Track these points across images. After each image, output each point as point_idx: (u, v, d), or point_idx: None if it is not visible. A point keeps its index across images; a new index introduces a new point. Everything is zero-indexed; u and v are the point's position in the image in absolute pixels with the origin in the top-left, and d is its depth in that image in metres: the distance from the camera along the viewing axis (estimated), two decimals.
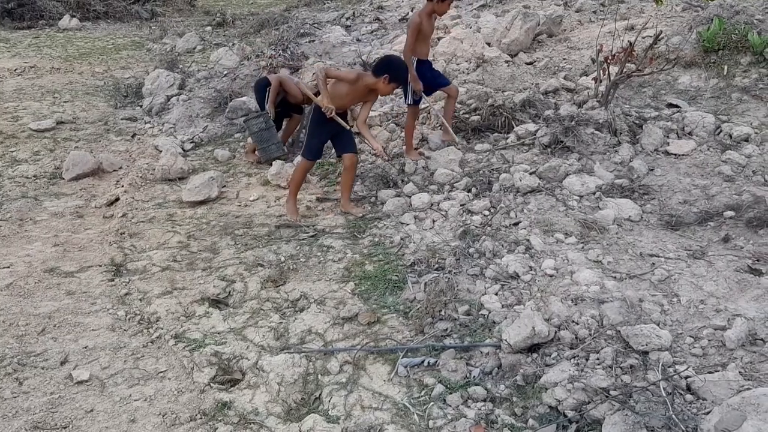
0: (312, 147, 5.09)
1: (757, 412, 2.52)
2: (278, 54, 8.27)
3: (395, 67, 4.78)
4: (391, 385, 3.26)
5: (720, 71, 6.62)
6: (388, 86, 4.79)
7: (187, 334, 3.79)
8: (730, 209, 4.47)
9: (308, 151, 5.10)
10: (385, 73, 4.71)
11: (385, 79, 4.72)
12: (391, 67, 4.76)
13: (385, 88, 4.80)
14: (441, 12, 5.59)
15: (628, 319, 3.37)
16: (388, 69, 4.73)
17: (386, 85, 4.77)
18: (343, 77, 4.90)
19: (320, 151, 5.22)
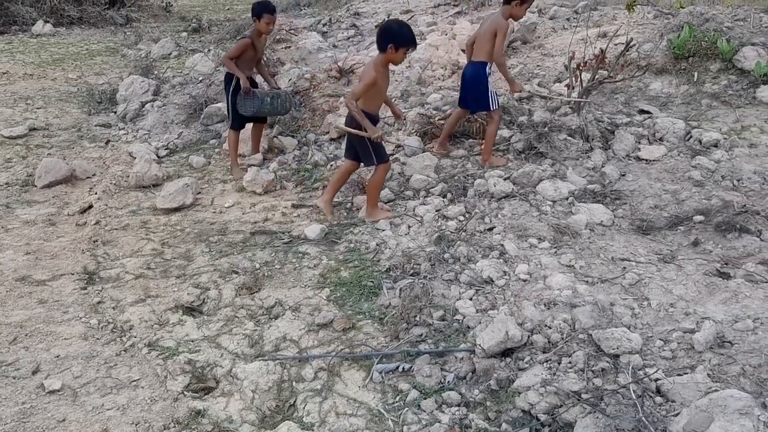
0: (383, 149, 4.96)
1: (724, 414, 2.57)
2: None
3: (395, 32, 4.63)
4: (366, 391, 3.27)
5: (690, 78, 6.74)
6: (398, 53, 4.64)
7: (160, 342, 3.77)
8: (699, 214, 4.55)
9: (383, 155, 4.96)
10: (389, 43, 4.59)
11: (392, 48, 4.59)
12: (391, 33, 4.62)
13: (396, 56, 4.66)
14: (518, 16, 5.50)
15: (599, 322, 3.42)
16: (389, 37, 4.60)
17: (396, 54, 4.63)
18: (369, 83, 4.71)
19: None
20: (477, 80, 5.49)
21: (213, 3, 18.80)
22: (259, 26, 5.89)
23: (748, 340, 3.17)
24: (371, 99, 4.82)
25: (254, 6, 5.94)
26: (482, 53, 5.47)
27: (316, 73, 7.82)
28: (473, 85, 5.53)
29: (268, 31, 6.06)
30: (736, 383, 2.91)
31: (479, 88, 5.48)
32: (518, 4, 5.30)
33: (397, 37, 4.59)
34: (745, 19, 7.00)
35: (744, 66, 6.56)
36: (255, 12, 5.90)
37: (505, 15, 5.39)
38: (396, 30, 4.64)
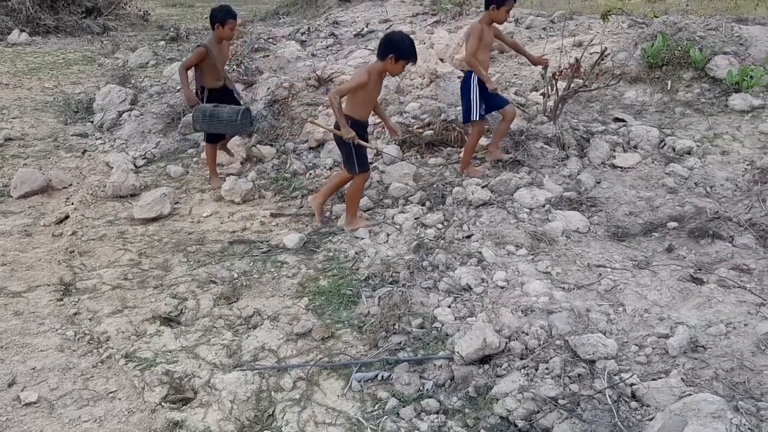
0: (365, 158, 4.96)
1: (697, 417, 2.61)
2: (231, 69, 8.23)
3: (396, 43, 4.62)
4: (345, 400, 3.27)
5: (664, 86, 6.85)
6: (397, 65, 4.65)
7: (137, 353, 3.74)
8: (673, 220, 4.62)
9: (365, 164, 4.96)
10: (390, 53, 4.59)
11: (391, 59, 4.59)
12: (393, 44, 4.61)
13: (395, 67, 4.67)
14: (500, 20, 5.47)
15: (575, 328, 3.45)
16: (390, 48, 4.60)
17: (394, 65, 4.64)
18: (358, 84, 4.71)
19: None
20: (463, 90, 5.54)
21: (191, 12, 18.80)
22: (223, 32, 5.74)
23: (720, 345, 3.22)
24: (359, 104, 4.81)
25: (217, 13, 5.74)
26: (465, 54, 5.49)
27: (295, 82, 7.83)
28: (462, 94, 5.59)
29: (231, 36, 5.97)
30: (709, 387, 2.95)
31: (464, 98, 5.52)
32: (495, 8, 5.31)
33: (399, 48, 4.60)
34: (716, 29, 7.13)
35: (716, 74, 6.68)
36: (218, 18, 5.69)
37: (486, 20, 5.41)
38: (398, 41, 4.64)
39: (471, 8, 10.99)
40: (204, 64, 5.79)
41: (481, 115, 5.48)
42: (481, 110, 5.46)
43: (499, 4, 5.28)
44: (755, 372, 2.99)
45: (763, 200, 4.77)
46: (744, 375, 2.99)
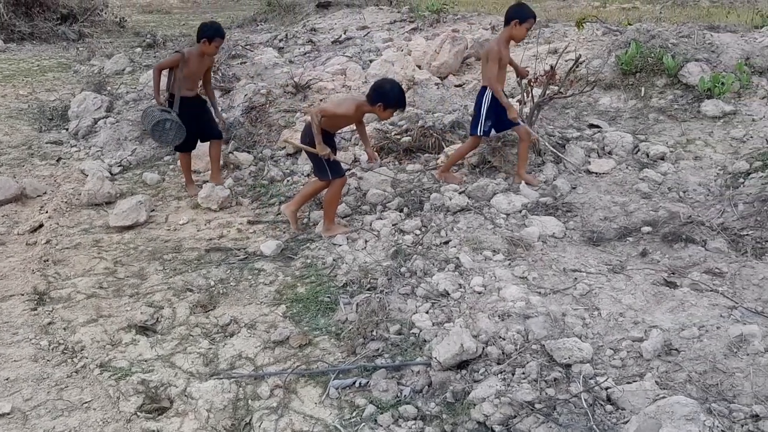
0: (337, 164, 5.00)
1: (671, 420, 2.64)
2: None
3: (386, 92, 4.69)
4: (323, 408, 3.26)
5: (638, 93, 6.95)
6: (385, 113, 4.74)
7: (112, 362, 3.70)
8: (647, 225, 4.68)
9: (338, 170, 4.99)
10: (379, 101, 4.66)
11: (380, 107, 4.67)
12: (383, 93, 4.68)
13: (383, 114, 4.75)
14: (519, 37, 5.38)
15: (551, 333, 3.48)
16: (381, 98, 4.67)
17: (383, 112, 4.72)
18: (343, 114, 4.83)
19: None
20: (476, 103, 5.49)
21: (168, 18, 18.68)
22: (208, 48, 5.71)
23: (693, 348, 3.26)
24: (334, 124, 4.94)
25: (206, 28, 5.71)
26: (483, 78, 5.46)
27: (272, 89, 7.81)
28: (475, 106, 5.53)
29: (214, 53, 5.95)
30: (682, 390, 2.99)
31: (476, 111, 5.47)
32: (517, 24, 5.21)
33: (389, 98, 4.67)
34: (689, 36, 7.25)
35: (689, 81, 6.79)
36: (207, 34, 5.66)
37: (503, 37, 5.34)
38: (387, 90, 4.70)
39: (448, 16, 11.06)
40: (178, 71, 5.72)
41: (485, 132, 5.45)
42: (485, 127, 5.42)
43: (521, 20, 5.21)
44: (727, 374, 3.03)
45: (735, 205, 4.84)
46: (717, 377, 3.03)
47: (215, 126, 6.08)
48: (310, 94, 7.64)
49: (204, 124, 5.98)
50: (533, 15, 5.31)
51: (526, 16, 5.23)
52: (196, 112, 5.88)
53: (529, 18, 5.24)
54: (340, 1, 13.99)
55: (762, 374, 2.99)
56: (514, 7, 5.36)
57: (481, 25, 10.08)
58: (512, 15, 5.26)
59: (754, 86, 6.69)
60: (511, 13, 5.29)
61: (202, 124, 5.96)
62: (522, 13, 5.24)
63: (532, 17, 5.28)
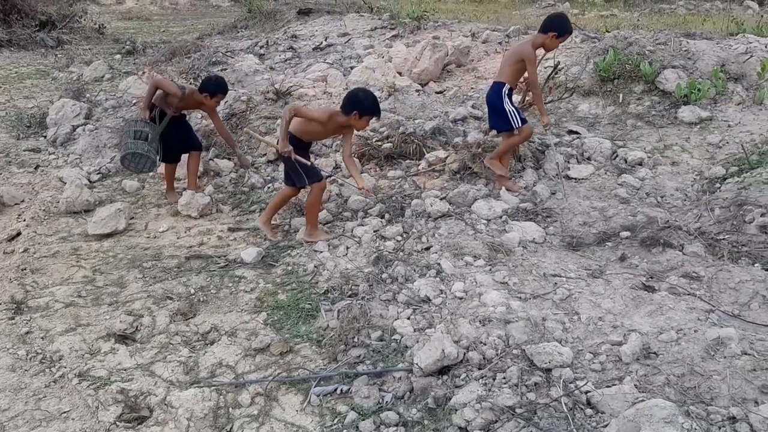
0: (313, 168, 4.99)
1: (650, 423, 2.66)
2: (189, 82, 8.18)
3: (360, 100, 4.70)
4: (304, 415, 3.26)
5: (616, 99, 7.02)
6: (361, 121, 4.73)
7: (91, 371, 3.67)
8: (625, 230, 4.72)
9: (314, 174, 4.97)
10: (354, 110, 4.66)
11: (355, 115, 4.67)
12: (357, 101, 4.69)
13: (359, 123, 4.75)
14: (551, 48, 5.34)
15: (532, 337, 3.50)
16: (355, 106, 4.67)
17: (358, 121, 4.72)
18: (314, 118, 4.79)
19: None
20: (496, 100, 5.41)
21: (148, 25, 18.60)
22: (208, 102, 5.77)
23: (672, 351, 3.29)
24: (306, 131, 4.90)
25: (210, 84, 5.75)
26: (503, 75, 5.38)
27: (253, 96, 7.80)
28: (493, 105, 5.47)
29: (213, 107, 5.99)
30: (661, 393, 3.01)
31: (498, 108, 5.39)
32: (554, 37, 5.16)
33: (363, 106, 4.67)
34: (665, 43, 7.34)
35: (665, 87, 6.88)
36: (209, 90, 5.70)
37: (536, 43, 5.24)
38: (361, 98, 4.71)
39: (428, 23, 11.11)
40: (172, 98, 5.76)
41: (524, 119, 5.39)
42: (521, 115, 5.38)
43: (560, 34, 5.16)
44: (705, 377, 3.06)
45: (712, 209, 4.91)
46: (694, 380, 3.06)
47: (195, 138, 6.16)
48: (290, 101, 7.64)
49: (187, 138, 6.04)
50: (571, 31, 5.23)
51: (565, 31, 5.16)
52: (181, 128, 5.96)
53: (566, 34, 5.18)
54: (321, 8, 14.00)
55: (739, 377, 3.03)
56: (556, 19, 5.25)
57: (461, 33, 10.13)
58: (553, 26, 5.16)
59: (729, 92, 6.78)
60: (551, 24, 5.18)
61: (186, 140, 6.02)
62: (564, 27, 5.16)
63: (569, 33, 5.22)
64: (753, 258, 4.26)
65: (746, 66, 7.02)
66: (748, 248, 4.38)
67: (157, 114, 5.76)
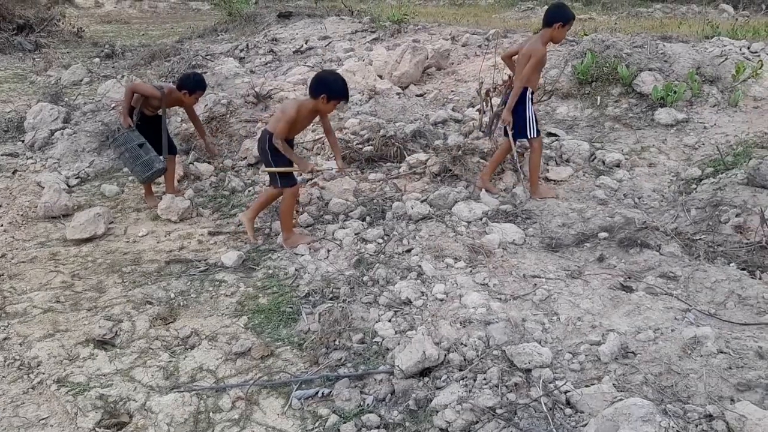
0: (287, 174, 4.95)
1: (628, 422, 2.69)
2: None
3: (329, 83, 4.63)
4: (285, 419, 3.25)
5: (594, 101, 7.09)
6: (328, 105, 4.67)
7: (70, 377, 3.63)
8: (604, 231, 4.77)
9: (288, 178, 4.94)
10: (322, 93, 4.59)
11: (323, 99, 4.61)
12: (325, 84, 4.62)
13: (326, 107, 4.69)
14: (559, 39, 5.19)
15: (512, 338, 3.52)
16: (324, 88, 4.60)
17: (326, 104, 4.66)
18: (289, 120, 4.70)
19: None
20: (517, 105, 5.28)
21: (126, 29, 18.47)
22: (187, 100, 5.78)
23: (649, 350, 3.34)
24: (292, 129, 4.88)
25: (188, 81, 5.73)
26: (519, 77, 5.26)
27: (233, 99, 7.78)
28: (514, 111, 5.32)
29: (193, 104, 6.00)
30: (639, 392, 3.05)
31: (517, 114, 5.29)
32: (560, 26, 5.05)
33: (331, 88, 4.62)
34: (642, 46, 7.42)
35: (642, 90, 6.95)
36: (188, 87, 5.70)
37: (545, 38, 5.14)
38: (330, 81, 4.65)
39: (408, 26, 11.14)
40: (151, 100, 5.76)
41: (539, 131, 5.31)
42: (538, 126, 5.31)
43: (565, 22, 5.05)
44: (682, 375, 3.10)
45: (688, 210, 4.97)
46: (672, 379, 3.10)
47: (171, 142, 6.12)
48: (271, 104, 7.63)
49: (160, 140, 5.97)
50: (574, 16, 5.14)
51: (569, 17, 5.07)
52: (155, 128, 5.90)
53: (571, 20, 5.09)
54: (301, 12, 14.00)
55: (715, 375, 3.07)
56: (556, 9, 5.15)
57: (441, 36, 10.18)
58: (555, 17, 5.07)
59: (705, 95, 6.88)
60: (553, 15, 5.10)
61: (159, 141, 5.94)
62: (566, 15, 5.07)
63: (573, 18, 5.12)
64: (728, 258, 4.33)
65: (721, 68, 7.12)
66: (723, 248, 4.45)
67: (137, 117, 5.72)
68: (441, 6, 17.99)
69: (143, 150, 5.67)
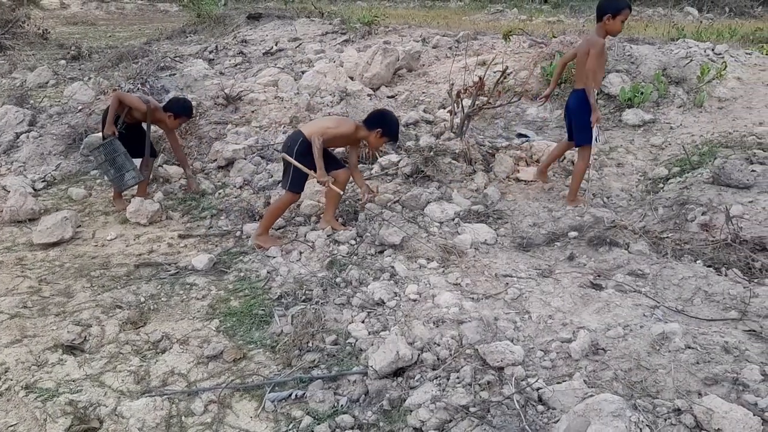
0: (301, 180, 4.94)
1: (599, 417, 2.72)
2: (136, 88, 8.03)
3: (388, 122, 4.77)
4: (259, 421, 3.22)
5: (562, 103, 7.15)
6: (379, 140, 4.81)
7: (39, 383, 3.56)
8: (573, 230, 4.83)
9: (298, 185, 4.94)
10: (378, 128, 4.71)
11: (378, 133, 4.73)
12: (384, 122, 4.75)
13: (376, 141, 4.82)
14: (615, 31, 4.97)
15: (484, 337, 3.54)
16: (381, 124, 4.73)
17: (377, 139, 4.78)
18: (343, 134, 4.82)
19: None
20: (581, 109, 5.14)
21: (93, 30, 18.21)
22: (171, 123, 5.78)
23: (619, 347, 3.38)
24: (330, 140, 4.85)
25: (176, 105, 5.75)
26: (582, 80, 5.12)
27: (203, 101, 7.71)
28: (577, 114, 5.19)
29: (176, 127, 6.01)
30: (609, 388, 3.09)
31: (583, 119, 5.13)
32: (610, 17, 4.87)
33: (389, 128, 4.78)
34: (610, 48, 7.53)
35: (610, 91, 7.06)
36: (175, 110, 5.71)
37: (601, 33, 4.98)
38: (389, 120, 4.81)
39: (379, 28, 11.17)
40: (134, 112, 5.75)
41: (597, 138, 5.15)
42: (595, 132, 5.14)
43: (614, 13, 4.84)
44: (651, 371, 3.15)
45: (656, 209, 5.05)
46: (641, 374, 3.15)
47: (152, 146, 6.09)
48: (241, 106, 7.58)
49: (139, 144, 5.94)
50: (627, 5, 4.90)
51: (619, 6, 4.85)
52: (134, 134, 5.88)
53: (623, 9, 4.86)
54: (271, 13, 13.94)
55: (683, 370, 3.12)
56: (604, 1, 4.96)
57: (412, 38, 10.22)
58: (604, 8, 4.90)
59: (671, 95, 7.00)
60: (602, 7, 4.93)
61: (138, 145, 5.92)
62: (614, 4, 4.86)
63: (626, 7, 4.89)
64: (695, 255, 4.41)
65: (686, 70, 7.26)
66: (690, 246, 4.53)
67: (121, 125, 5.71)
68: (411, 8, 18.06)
69: (127, 160, 5.67)
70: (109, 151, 5.64)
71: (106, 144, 5.64)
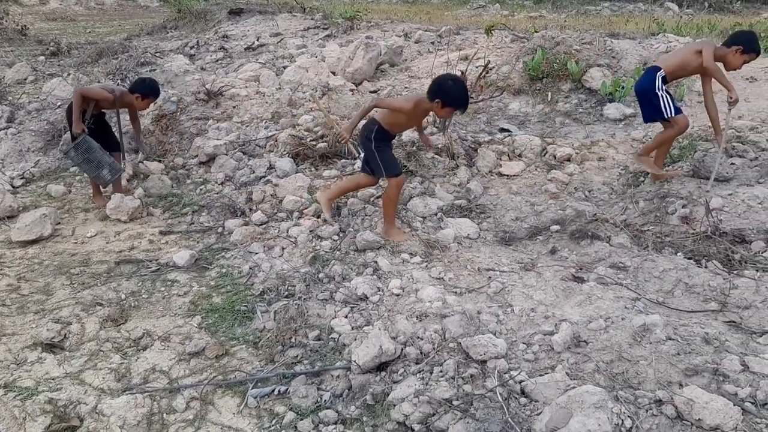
0: (393, 162, 4.79)
1: (581, 409, 2.74)
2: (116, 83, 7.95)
3: (445, 90, 4.43)
4: (241, 418, 3.21)
5: (545, 97, 7.19)
6: (443, 110, 4.49)
7: (18, 382, 3.52)
8: (555, 224, 4.85)
9: (394, 167, 4.75)
10: (437, 98, 4.42)
11: (438, 104, 4.43)
12: (442, 91, 4.43)
13: (441, 111, 4.51)
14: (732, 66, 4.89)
15: (467, 330, 3.55)
16: (439, 94, 4.42)
17: (441, 109, 4.48)
18: (397, 108, 4.62)
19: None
20: (646, 84, 5.05)
21: (73, 26, 18.00)
22: (139, 104, 5.70)
23: (600, 339, 3.40)
24: (393, 122, 4.72)
25: (141, 85, 5.66)
26: (662, 61, 5.04)
27: (183, 96, 7.65)
28: (643, 91, 5.10)
29: (144, 109, 5.96)
30: (591, 380, 3.10)
31: (649, 93, 5.02)
32: (739, 51, 4.79)
33: (448, 95, 4.41)
34: (591, 43, 7.57)
35: (592, 86, 7.10)
36: (140, 91, 5.61)
37: (719, 54, 4.87)
38: (450, 87, 4.43)
39: (361, 23, 11.14)
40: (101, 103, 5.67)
41: (677, 109, 5.00)
42: (676, 103, 5.01)
43: (745, 50, 4.77)
44: (632, 363, 3.17)
45: (636, 202, 5.09)
46: (622, 366, 3.16)
47: (115, 139, 6.00)
48: (222, 101, 7.53)
49: (109, 137, 5.89)
50: (757, 52, 4.84)
51: (753, 48, 4.80)
52: (102, 126, 5.83)
53: (752, 53, 4.82)
54: (253, 8, 13.86)
55: (664, 361, 3.14)
56: (745, 34, 4.92)
57: (394, 33, 10.21)
58: (738, 41, 4.84)
59: None
60: (738, 38, 4.87)
61: (108, 138, 5.86)
62: (751, 44, 4.81)
63: (755, 53, 4.84)
64: (675, 248, 4.44)
65: None
66: (671, 238, 4.56)
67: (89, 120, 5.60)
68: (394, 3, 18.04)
69: (104, 154, 5.60)
70: (83, 150, 5.55)
71: (79, 143, 5.54)
